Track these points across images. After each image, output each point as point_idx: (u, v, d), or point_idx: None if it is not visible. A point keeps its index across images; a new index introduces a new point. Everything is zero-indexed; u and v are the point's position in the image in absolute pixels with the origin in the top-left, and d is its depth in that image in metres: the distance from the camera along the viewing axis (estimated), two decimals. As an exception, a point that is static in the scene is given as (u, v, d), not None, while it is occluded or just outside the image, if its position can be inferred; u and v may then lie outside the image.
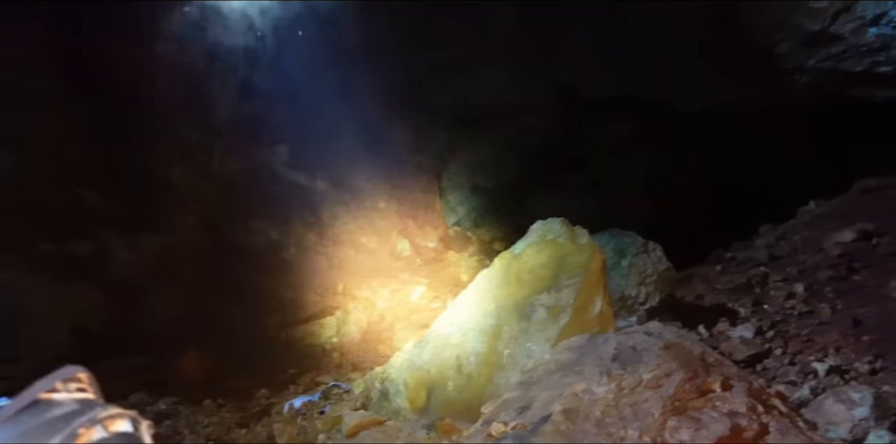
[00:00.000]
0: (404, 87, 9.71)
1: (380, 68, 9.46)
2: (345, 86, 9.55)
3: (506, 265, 5.11)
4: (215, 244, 8.88)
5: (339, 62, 9.36)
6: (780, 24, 7.45)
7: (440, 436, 4.14)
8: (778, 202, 10.28)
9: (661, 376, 2.94)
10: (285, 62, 9.19)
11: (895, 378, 5.35)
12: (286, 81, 9.18)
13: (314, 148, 9.56)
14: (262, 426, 6.15)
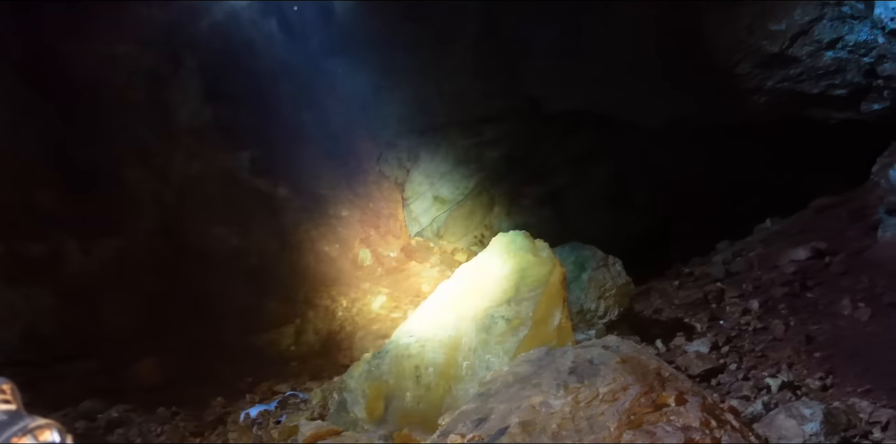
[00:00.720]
0: (367, 94, 9.70)
1: (343, 75, 9.45)
2: (308, 92, 9.52)
3: (467, 277, 5.13)
4: (174, 250, 8.75)
5: (303, 69, 9.33)
6: (739, 44, 7.61)
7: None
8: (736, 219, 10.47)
9: (618, 389, 2.96)
10: (249, 68, 9.12)
11: (845, 394, 5.46)
12: (249, 86, 9.11)
13: (277, 155, 9.48)
14: (216, 435, 6.05)
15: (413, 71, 9.53)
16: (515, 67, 9.14)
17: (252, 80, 9.20)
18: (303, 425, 4.96)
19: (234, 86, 9.11)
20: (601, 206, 10.06)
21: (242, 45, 9.12)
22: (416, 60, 9.38)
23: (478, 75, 9.44)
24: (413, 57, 9.35)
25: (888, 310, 6.75)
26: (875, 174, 8.62)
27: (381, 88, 9.79)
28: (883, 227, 7.86)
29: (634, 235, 9.90)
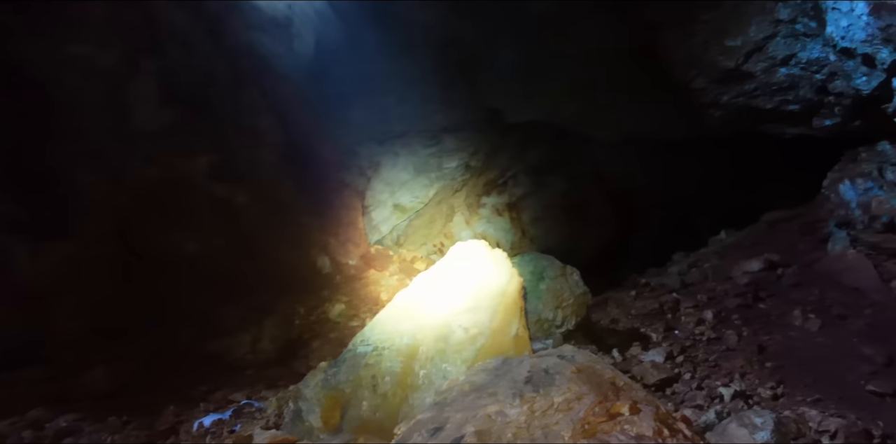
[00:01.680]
0: (329, 101, 9.66)
1: (304, 82, 9.40)
2: (268, 98, 9.44)
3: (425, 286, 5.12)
4: (128, 255, 8.57)
5: (264, 74, 9.25)
6: (696, 60, 7.74)
7: (352, 457, 4.09)
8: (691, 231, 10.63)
9: (572, 399, 2.97)
10: (209, 72, 9.02)
11: (795, 404, 5.57)
12: (209, 91, 9.00)
13: (236, 160, 9.38)
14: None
15: (375, 79, 9.52)
16: (476, 78, 9.19)
17: (212, 84, 9.09)
18: (257, 434, 4.89)
19: (193, 90, 8.99)
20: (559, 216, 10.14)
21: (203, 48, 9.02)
22: (377, 68, 9.38)
23: (439, 85, 9.46)
24: (375, 65, 9.34)
25: (837, 321, 6.90)
26: (826, 189, 8.83)
27: (342, 96, 9.76)
28: (833, 240, 8.04)
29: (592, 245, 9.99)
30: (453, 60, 9.05)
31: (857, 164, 8.49)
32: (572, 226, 10.10)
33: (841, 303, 7.14)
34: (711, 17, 7.25)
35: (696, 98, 8.34)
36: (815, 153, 9.17)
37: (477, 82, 9.27)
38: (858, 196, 8.23)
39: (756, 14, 7.08)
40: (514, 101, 9.53)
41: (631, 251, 10.00)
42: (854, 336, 6.58)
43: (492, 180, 10.60)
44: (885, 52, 6.47)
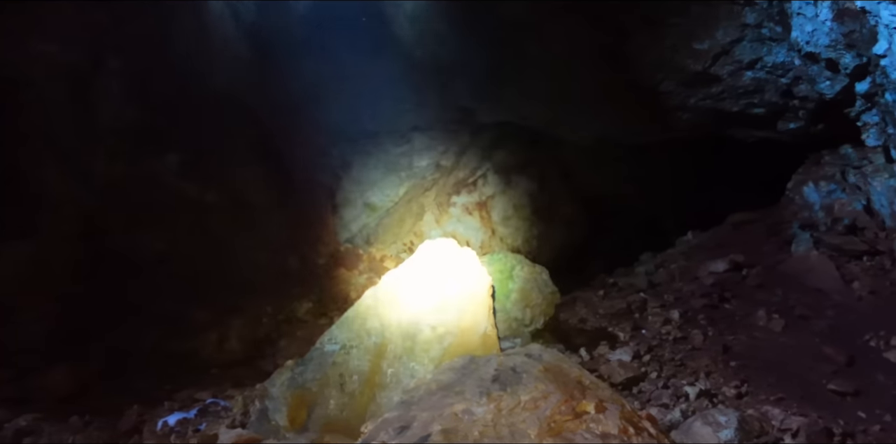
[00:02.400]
0: (300, 100, 9.61)
1: (276, 81, 9.33)
2: (239, 96, 9.37)
3: (393, 284, 5.12)
4: (93, 254, 8.46)
5: (234, 72, 9.18)
6: (664, 63, 7.80)
7: (319, 456, 4.07)
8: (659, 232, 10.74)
9: (539, 397, 2.99)
10: (178, 70, 8.92)
11: (759, 402, 5.65)
12: (177, 89, 8.91)
13: (206, 159, 9.30)
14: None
15: (347, 79, 9.49)
16: (447, 79, 9.19)
17: (181, 82, 9.00)
18: (223, 433, 4.85)
19: (161, 88, 8.90)
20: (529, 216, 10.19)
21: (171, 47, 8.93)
22: (350, 69, 9.35)
23: (410, 85, 9.45)
24: (347, 65, 9.31)
25: (800, 322, 7.02)
26: (790, 191, 8.97)
27: (314, 95, 9.71)
28: (796, 241, 8.17)
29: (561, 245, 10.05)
30: (424, 61, 9.05)
31: (821, 167, 8.63)
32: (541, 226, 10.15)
33: (804, 304, 7.26)
34: (680, 20, 7.31)
35: (664, 101, 8.41)
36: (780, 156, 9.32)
37: (448, 83, 9.27)
38: (821, 199, 8.37)
39: (724, 18, 7.16)
40: (484, 101, 9.55)
41: (599, 251, 10.08)
42: (816, 337, 6.69)
43: (462, 180, 10.61)
44: (848, 57, 6.59)
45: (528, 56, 8.29)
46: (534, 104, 9.22)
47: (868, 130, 7.37)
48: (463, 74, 8.99)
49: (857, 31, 6.27)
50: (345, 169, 10.64)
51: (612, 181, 10.36)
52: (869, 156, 7.80)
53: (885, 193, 7.52)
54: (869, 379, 5.97)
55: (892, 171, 7.38)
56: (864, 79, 6.78)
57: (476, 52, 8.58)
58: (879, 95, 6.77)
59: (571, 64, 8.09)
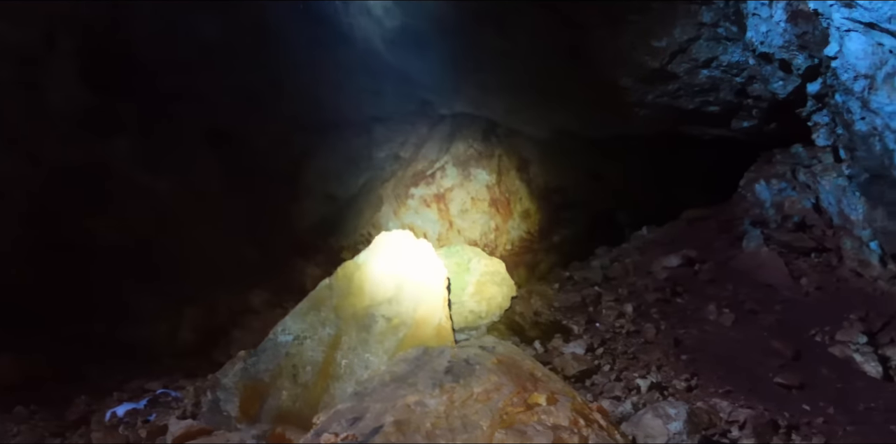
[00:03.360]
0: (259, 89, 9.49)
1: (234, 68, 9.20)
2: (198, 83, 9.21)
3: (349, 275, 5.11)
4: (41, 241, 8.28)
5: (193, 59, 9.02)
6: (623, 59, 7.86)
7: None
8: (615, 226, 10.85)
9: (492, 389, 3.01)
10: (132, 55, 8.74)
11: (708, 395, 5.76)
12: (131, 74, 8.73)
13: (160, 146, 9.14)
14: (79, 435, 5.75)
15: (308, 68, 9.40)
16: (408, 70, 9.16)
17: (135, 68, 8.82)
18: (172, 423, 4.79)
19: (116, 71, 8.71)
20: (486, 209, 10.22)
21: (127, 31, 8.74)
22: (311, 58, 9.26)
23: (371, 75, 9.40)
24: (308, 54, 9.22)
25: (749, 316, 7.16)
26: (742, 188, 9.13)
27: (273, 83, 9.60)
28: (747, 238, 8.33)
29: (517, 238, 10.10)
30: (384, 52, 9.00)
31: (773, 165, 8.80)
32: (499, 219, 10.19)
33: (753, 299, 7.40)
34: (639, 17, 7.37)
35: (622, 97, 8.48)
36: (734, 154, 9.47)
37: (407, 74, 9.23)
38: (773, 196, 8.53)
39: (681, 16, 7.23)
40: (444, 93, 9.54)
41: (556, 245, 10.16)
42: (765, 331, 6.84)
43: (420, 171, 10.60)
44: (800, 58, 6.72)
45: (487, 48, 8.29)
46: (493, 96, 9.23)
47: (818, 130, 7.53)
48: (422, 65, 8.96)
49: (810, 33, 6.40)
50: (304, 159, 10.54)
51: (570, 175, 10.43)
52: (819, 155, 7.97)
53: (833, 191, 7.69)
54: (814, 373, 6.12)
55: (841, 170, 7.55)
56: (816, 80, 6.92)
57: (436, 43, 8.56)
58: (830, 95, 6.91)
59: (531, 57, 8.11)
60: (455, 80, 9.09)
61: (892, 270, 7.01)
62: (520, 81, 8.64)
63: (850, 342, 6.44)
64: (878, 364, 6.15)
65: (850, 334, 6.53)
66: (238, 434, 4.26)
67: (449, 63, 8.80)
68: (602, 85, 8.33)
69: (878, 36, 5.84)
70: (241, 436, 4.16)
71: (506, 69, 8.50)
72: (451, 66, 8.84)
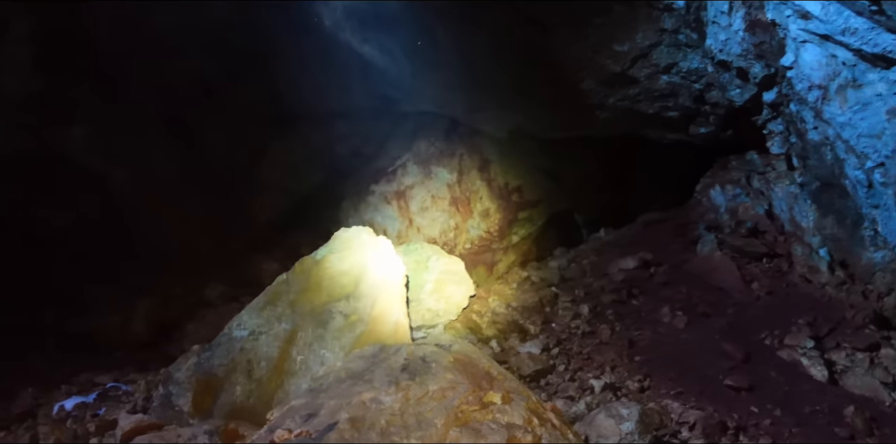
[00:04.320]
0: (219, 79, 9.36)
1: (192, 57, 9.05)
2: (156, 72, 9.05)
3: (306, 270, 5.08)
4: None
5: (152, 47, 8.86)
6: (585, 62, 7.91)
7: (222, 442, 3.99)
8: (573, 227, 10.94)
9: (447, 387, 3.02)
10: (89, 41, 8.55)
11: (660, 396, 5.86)
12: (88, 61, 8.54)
13: (116, 135, 8.96)
14: (25, 428, 5.62)
15: (268, 59, 9.29)
16: (370, 66, 9.11)
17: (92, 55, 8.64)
18: (122, 418, 4.71)
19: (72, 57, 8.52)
20: (446, 208, 10.22)
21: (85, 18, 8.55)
22: (271, 48, 9.15)
23: (333, 70, 9.33)
24: (269, 44, 9.11)
25: (701, 319, 7.29)
26: (698, 193, 9.28)
27: (233, 74, 9.47)
28: (702, 242, 8.47)
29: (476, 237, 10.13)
30: (347, 46, 8.93)
31: (728, 171, 8.96)
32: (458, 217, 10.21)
33: (706, 302, 7.53)
34: (602, 21, 7.42)
35: (583, 99, 8.53)
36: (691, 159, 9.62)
37: (371, 70, 9.19)
38: (727, 202, 8.69)
39: (643, 21, 7.30)
40: (407, 90, 9.50)
41: (514, 245, 10.20)
42: (716, 333, 6.96)
43: (382, 168, 10.56)
44: (757, 67, 6.84)
45: (450, 46, 8.29)
46: (455, 95, 9.23)
47: (773, 138, 7.68)
48: (385, 61, 8.92)
49: (767, 43, 6.52)
50: (263, 152, 10.43)
51: (529, 175, 10.49)
52: (773, 163, 8.12)
53: (786, 198, 7.85)
54: (763, 376, 6.25)
55: (793, 178, 7.71)
56: (772, 89, 7.05)
57: (399, 40, 8.54)
58: (785, 105, 7.05)
59: (494, 57, 8.12)
60: (417, 77, 9.07)
61: (840, 276, 7.17)
62: (482, 80, 8.65)
63: (798, 346, 6.59)
64: (824, 368, 6.30)
65: (798, 339, 6.67)
66: (190, 429, 4.20)
67: (411, 60, 8.78)
68: (563, 87, 8.38)
69: (832, 48, 5.97)
70: (192, 431, 4.10)
71: (468, 68, 8.50)
72: (413, 62, 8.82)
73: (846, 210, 6.91)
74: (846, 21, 5.58)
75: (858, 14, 5.43)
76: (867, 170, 6.24)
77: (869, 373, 6.27)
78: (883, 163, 6.11)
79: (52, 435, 5.34)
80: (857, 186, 6.44)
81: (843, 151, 6.42)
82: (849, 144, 6.28)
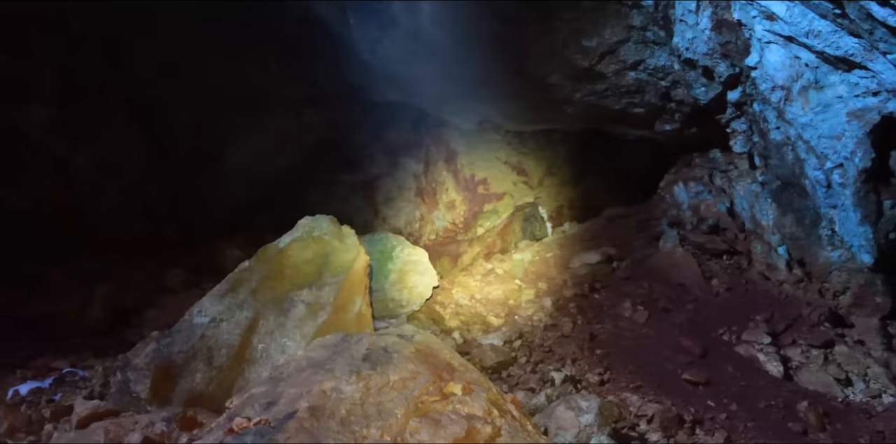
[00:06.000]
0: (187, 64, 9.21)
1: (161, 41, 8.90)
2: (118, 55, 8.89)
3: (269, 258, 5.05)
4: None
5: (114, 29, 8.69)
6: (554, 56, 7.93)
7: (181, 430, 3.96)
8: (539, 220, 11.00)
9: (408, 378, 3.03)
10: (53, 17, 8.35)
11: (619, 389, 5.94)
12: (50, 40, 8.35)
13: (78, 116, 8.78)
14: (-23, 413, 5.53)
15: (238, 45, 9.17)
16: (339, 54, 9.04)
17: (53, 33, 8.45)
18: (78, 404, 4.64)
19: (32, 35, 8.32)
20: (412, 198, 10.23)
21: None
22: (242, 36, 9.03)
23: (302, 57, 9.25)
24: (239, 32, 8.99)
25: (662, 314, 7.39)
26: (662, 189, 9.39)
27: (202, 60, 9.33)
28: (664, 238, 8.57)
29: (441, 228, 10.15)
30: (317, 35, 8.86)
31: (691, 168, 9.07)
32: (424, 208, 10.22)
33: (667, 297, 7.64)
34: (572, 15, 7.44)
35: (551, 93, 8.56)
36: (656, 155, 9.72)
37: (339, 58, 9.12)
38: (690, 199, 8.80)
39: (612, 18, 7.34)
40: (375, 80, 9.45)
41: (479, 237, 10.24)
42: (676, 329, 7.06)
43: (349, 158, 10.52)
44: (723, 66, 6.93)
45: (419, 35, 8.25)
46: (422, 85, 9.19)
47: (736, 137, 7.79)
48: (354, 49, 8.86)
49: (733, 43, 6.60)
50: (232, 138, 10.31)
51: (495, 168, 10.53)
52: (735, 161, 8.24)
53: (747, 197, 7.97)
54: (720, 370, 6.36)
55: (755, 177, 7.83)
56: (736, 88, 7.15)
57: (368, 29, 8.48)
58: (748, 104, 7.15)
59: (463, 48, 8.10)
60: (386, 66, 9.03)
61: (797, 274, 7.31)
62: (450, 71, 8.63)
63: (755, 342, 6.72)
64: (780, 364, 6.43)
65: (756, 335, 6.81)
66: (147, 416, 4.16)
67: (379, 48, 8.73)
68: (532, 80, 8.40)
69: (796, 49, 6.07)
70: (150, 418, 4.06)
71: (435, 57, 8.47)
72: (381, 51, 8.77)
73: (805, 210, 7.04)
74: (810, 23, 5.67)
75: (822, 17, 5.52)
76: (826, 170, 6.37)
77: (823, 369, 6.42)
78: (842, 164, 6.23)
79: (5, 421, 5.23)
80: (817, 186, 6.56)
81: (804, 152, 6.54)
82: (809, 145, 6.40)
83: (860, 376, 6.35)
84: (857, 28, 5.17)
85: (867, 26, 4.99)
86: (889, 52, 5.06)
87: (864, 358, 6.51)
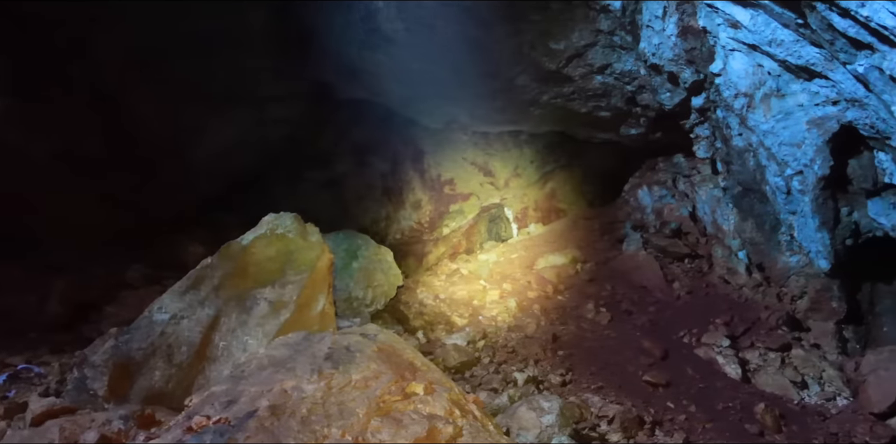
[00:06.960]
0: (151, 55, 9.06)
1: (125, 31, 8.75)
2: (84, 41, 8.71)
3: (232, 255, 4.98)
4: None
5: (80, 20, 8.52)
6: (522, 58, 7.96)
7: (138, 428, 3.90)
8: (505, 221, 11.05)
9: (370, 377, 3.02)
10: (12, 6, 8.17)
11: (581, 390, 5.99)
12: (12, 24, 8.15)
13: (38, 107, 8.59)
14: (-71, 409, 5.39)
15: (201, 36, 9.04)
16: (307, 50, 8.98)
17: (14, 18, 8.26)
18: (33, 401, 4.54)
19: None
20: (379, 197, 10.19)
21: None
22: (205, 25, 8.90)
23: (270, 53, 9.16)
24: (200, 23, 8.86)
25: (624, 316, 7.47)
26: (626, 193, 9.49)
27: (167, 50, 9.19)
28: (627, 241, 8.67)
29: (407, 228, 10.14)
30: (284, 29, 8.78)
31: (656, 172, 9.18)
32: (390, 207, 10.19)
33: (629, 299, 7.72)
34: (539, 18, 7.46)
35: (518, 94, 8.58)
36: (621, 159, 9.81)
37: (308, 54, 9.05)
38: (653, 202, 8.91)
39: (580, 21, 7.38)
40: (343, 77, 9.39)
41: (445, 237, 10.24)
42: (637, 330, 7.15)
43: (315, 155, 10.44)
44: (688, 72, 7.02)
45: (388, 35, 8.23)
46: (390, 84, 9.16)
47: (699, 143, 7.90)
48: (322, 47, 8.80)
49: (698, 49, 6.69)
50: (194, 132, 10.16)
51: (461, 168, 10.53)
52: (698, 166, 8.36)
53: (709, 202, 8.09)
54: (680, 372, 6.45)
55: (717, 182, 7.95)
56: (700, 94, 7.25)
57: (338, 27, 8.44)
58: (712, 110, 7.25)
59: (431, 47, 8.09)
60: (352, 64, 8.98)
61: (757, 279, 7.44)
62: (417, 68, 8.61)
63: (715, 345, 6.82)
64: (738, 366, 6.54)
65: (715, 337, 6.91)
66: (104, 414, 4.08)
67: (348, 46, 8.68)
68: (500, 82, 8.42)
69: (759, 57, 6.18)
70: (107, 416, 3.98)
71: (403, 56, 8.45)
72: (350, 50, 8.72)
73: (765, 215, 7.17)
74: (773, 32, 5.77)
75: (785, 26, 5.62)
76: (786, 177, 6.49)
77: (780, 372, 6.55)
78: (801, 171, 6.36)
79: (-45, 418, 5.12)
80: (777, 192, 6.68)
81: (765, 158, 6.65)
82: (770, 152, 6.51)
83: (815, 379, 6.49)
84: (819, 38, 5.28)
85: (828, 37, 5.09)
86: (849, 62, 5.17)
87: (820, 361, 6.65)
